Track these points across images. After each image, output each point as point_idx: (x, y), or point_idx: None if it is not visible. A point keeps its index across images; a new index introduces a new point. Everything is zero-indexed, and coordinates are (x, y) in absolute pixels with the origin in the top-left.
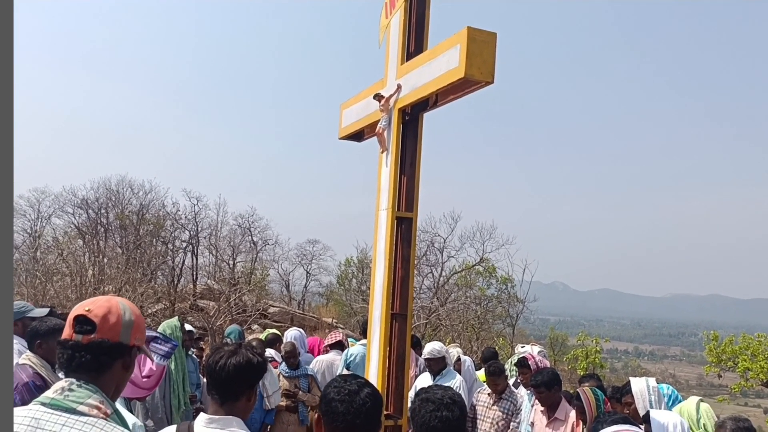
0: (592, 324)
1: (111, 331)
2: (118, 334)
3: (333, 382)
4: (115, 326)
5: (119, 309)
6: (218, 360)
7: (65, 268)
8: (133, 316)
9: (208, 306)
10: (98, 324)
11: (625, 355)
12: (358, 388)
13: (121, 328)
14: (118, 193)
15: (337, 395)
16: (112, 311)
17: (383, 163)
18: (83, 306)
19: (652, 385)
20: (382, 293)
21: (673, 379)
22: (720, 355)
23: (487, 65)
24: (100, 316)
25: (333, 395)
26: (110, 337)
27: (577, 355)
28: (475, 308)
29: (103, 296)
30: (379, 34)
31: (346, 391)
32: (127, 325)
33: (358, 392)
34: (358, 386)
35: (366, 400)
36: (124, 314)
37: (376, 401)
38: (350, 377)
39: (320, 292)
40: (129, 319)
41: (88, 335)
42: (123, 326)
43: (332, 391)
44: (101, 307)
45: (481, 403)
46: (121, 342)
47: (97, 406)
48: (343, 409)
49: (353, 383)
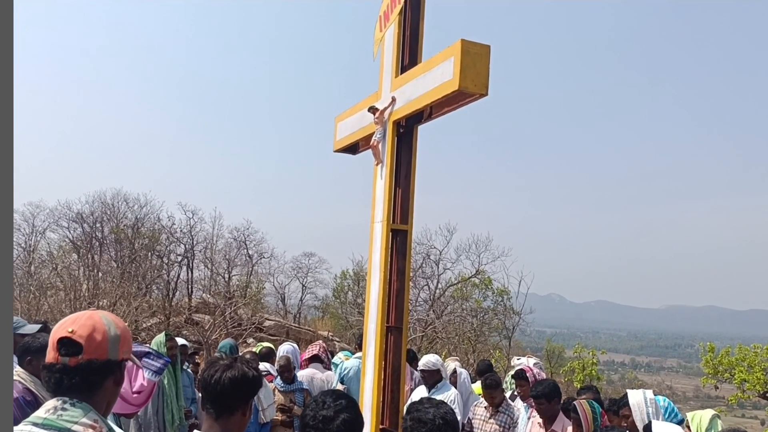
0: (589, 336)
1: (98, 350)
2: (106, 351)
3: (312, 403)
4: (102, 344)
5: (103, 325)
6: (213, 374)
7: (59, 283)
8: (118, 330)
9: (204, 320)
10: (84, 345)
11: (622, 367)
12: (335, 414)
13: (109, 345)
14: (113, 206)
15: (312, 421)
16: (96, 329)
17: (378, 175)
18: (64, 326)
19: (649, 397)
20: (377, 306)
21: (670, 391)
22: (716, 366)
23: (481, 77)
24: (85, 336)
25: (308, 420)
26: (98, 356)
27: (574, 367)
28: (472, 320)
29: (83, 312)
30: (374, 47)
31: (320, 417)
32: (114, 340)
33: (334, 419)
34: (335, 412)
35: (340, 427)
36: (109, 330)
37: (352, 427)
38: (331, 398)
39: (316, 305)
40: (115, 334)
41: (75, 357)
42: (110, 342)
43: (309, 414)
44: (84, 326)
45: (478, 417)
46: (109, 359)
47: (91, 425)
48: None
49: (331, 408)
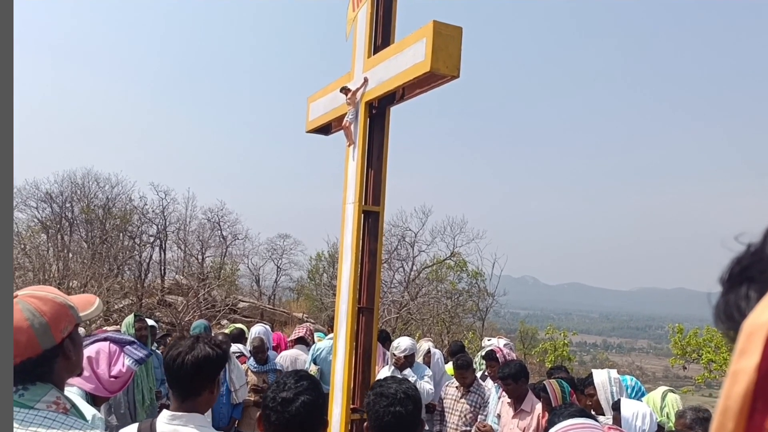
0: (562, 317)
1: (28, 349)
2: (37, 346)
3: (274, 384)
4: (30, 342)
5: (25, 321)
6: (176, 357)
7: (28, 263)
8: (44, 317)
9: (177, 301)
10: None
11: (594, 348)
12: (294, 396)
13: (38, 339)
14: (83, 186)
15: (272, 402)
16: (18, 328)
17: (350, 156)
18: None
19: (613, 376)
20: (349, 287)
21: (640, 371)
22: (685, 347)
23: (453, 59)
24: None
25: (269, 401)
26: (31, 353)
27: (546, 348)
28: (446, 302)
29: None
30: (347, 26)
31: (280, 399)
32: (42, 331)
33: (293, 401)
34: (294, 394)
35: (300, 410)
36: (32, 323)
37: (313, 407)
38: (292, 379)
39: (291, 287)
40: (40, 325)
41: None
42: (39, 336)
43: (269, 396)
44: None
45: (449, 397)
46: (45, 350)
47: (54, 402)
48: (275, 419)
49: (291, 389)
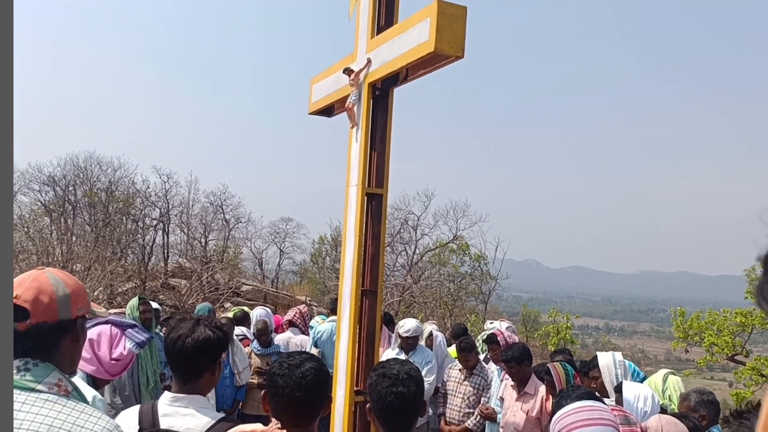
0: (564, 301)
1: (47, 312)
2: (56, 312)
3: (279, 358)
4: (51, 306)
5: (50, 286)
6: (176, 340)
7: (32, 247)
8: (68, 288)
9: (180, 284)
10: (30, 309)
11: (596, 331)
12: (300, 362)
13: (58, 306)
14: (86, 170)
15: (279, 369)
16: (42, 291)
17: (353, 138)
18: None
19: (618, 359)
20: (352, 270)
21: (642, 354)
22: (687, 330)
23: (457, 39)
24: (30, 300)
25: (275, 369)
26: (48, 318)
27: (549, 331)
28: (449, 285)
29: (30, 273)
30: (350, 6)
31: (286, 365)
32: (64, 300)
33: (300, 366)
34: (300, 361)
35: (307, 373)
36: (57, 290)
37: (319, 375)
38: (296, 353)
39: (294, 270)
40: (64, 293)
41: (23, 322)
42: (59, 303)
43: (275, 365)
44: (29, 289)
45: (452, 379)
46: (61, 320)
47: (56, 384)
48: (282, 382)
49: (296, 358)
